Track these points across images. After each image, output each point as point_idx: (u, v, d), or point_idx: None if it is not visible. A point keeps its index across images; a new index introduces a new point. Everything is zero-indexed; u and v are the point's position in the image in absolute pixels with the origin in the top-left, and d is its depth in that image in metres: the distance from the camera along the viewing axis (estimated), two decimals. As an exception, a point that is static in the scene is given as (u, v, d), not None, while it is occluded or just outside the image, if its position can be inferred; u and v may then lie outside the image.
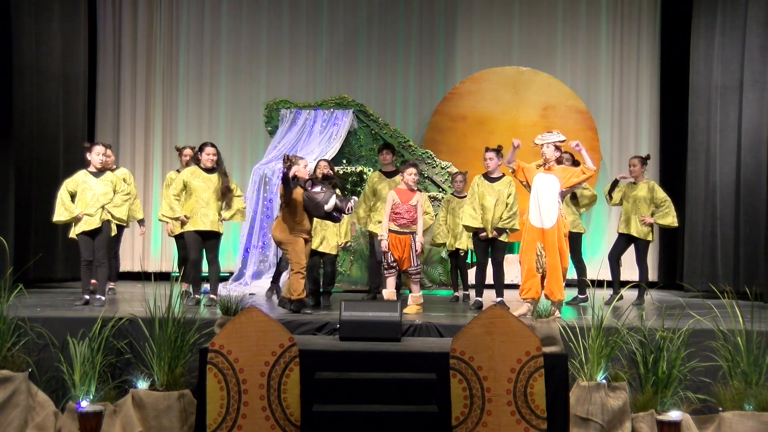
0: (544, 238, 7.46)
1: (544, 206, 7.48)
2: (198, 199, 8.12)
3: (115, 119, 12.07)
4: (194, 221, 8.11)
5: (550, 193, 7.50)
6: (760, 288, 8.94)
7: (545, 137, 7.66)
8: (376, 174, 9.20)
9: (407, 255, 7.83)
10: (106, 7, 12.05)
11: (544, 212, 7.47)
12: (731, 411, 6.26)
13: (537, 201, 7.52)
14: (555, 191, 7.51)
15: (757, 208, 9.73)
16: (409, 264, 7.85)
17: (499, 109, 11.81)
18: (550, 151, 7.58)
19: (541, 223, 7.47)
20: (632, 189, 9.04)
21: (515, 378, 5.93)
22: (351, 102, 10.83)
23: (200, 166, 8.24)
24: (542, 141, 7.62)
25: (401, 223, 7.85)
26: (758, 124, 9.80)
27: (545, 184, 7.53)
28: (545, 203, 7.48)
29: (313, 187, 7.58)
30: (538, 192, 7.52)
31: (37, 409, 6.53)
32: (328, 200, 7.48)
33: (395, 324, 6.65)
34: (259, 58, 12.21)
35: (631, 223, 8.95)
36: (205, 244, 8.19)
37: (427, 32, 12.26)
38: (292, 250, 7.60)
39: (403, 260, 7.84)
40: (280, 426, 5.88)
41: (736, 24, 10.22)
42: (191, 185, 8.14)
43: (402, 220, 7.86)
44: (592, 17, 12.23)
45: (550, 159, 7.59)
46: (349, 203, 7.58)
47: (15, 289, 6.80)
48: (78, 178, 8.07)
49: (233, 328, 6.01)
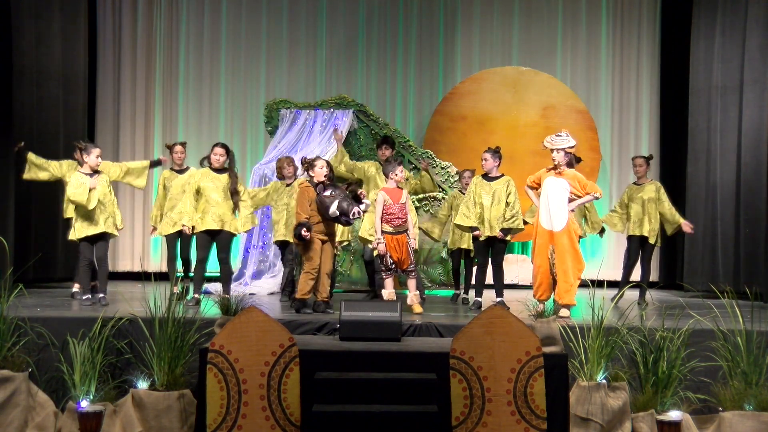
0: (554, 240, 7.47)
1: (554, 209, 7.49)
2: (208, 199, 8.13)
3: (115, 119, 12.07)
4: (204, 221, 8.13)
5: (560, 197, 7.50)
6: (760, 288, 8.94)
7: (555, 142, 7.58)
8: (374, 164, 9.18)
9: (405, 255, 7.80)
10: (106, 7, 12.05)
11: (554, 215, 7.48)
12: (731, 411, 6.26)
13: (547, 204, 7.52)
14: (565, 195, 7.51)
15: (758, 208, 9.73)
16: (408, 263, 7.84)
17: (499, 109, 11.81)
18: (560, 156, 7.53)
19: (551, 225, 7.49)
20: (638, 191, 8.93)
21: (515, 378, 5.93)
22: (351, 102, 10.82)
23: (210, 167, 8.26)
24: (552, 146, 7.56)
25: (396, 224, 7.77)
26: (758, 124, 9.80)
27: (555, 188, 7.53)
28: (555, 206, 7.49)
29: (325, 190, 7.54)
30: (548, 195, 7.53)
31: (37, 409, 6.53)
32: (331, 205, 7.47)
33: (395, 324, 6.65)
34: (259, 58, 12.21)
35: (644, 224, 8.80)
36: (217, 243, 8.20)
37: (427, 32, 12.26)
38: (304, 249, 7.59)
39: (402, 260, 7.81)
40: (280, 426, 5.88)
41: (736, 24, 10.22)
42: (201, 186, 8.16)
43: (397, 220, 7.77)
44: (592, 17, 12.23)
45: (561, 163, 7.56)
46: (355, 207, 7.48)
47: (15, 289, 6.80)
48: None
49: (233, 328, 6.01)
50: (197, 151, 11.95)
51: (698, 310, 7.15)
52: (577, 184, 7.56)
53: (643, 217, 8.84)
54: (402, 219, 7.79)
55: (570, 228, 7.48)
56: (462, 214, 8.21)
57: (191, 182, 8.28)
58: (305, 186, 7.67)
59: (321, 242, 7.58)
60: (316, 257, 7.53)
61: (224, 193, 8.13)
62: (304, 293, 7.53)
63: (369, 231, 8.52)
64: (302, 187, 7.69)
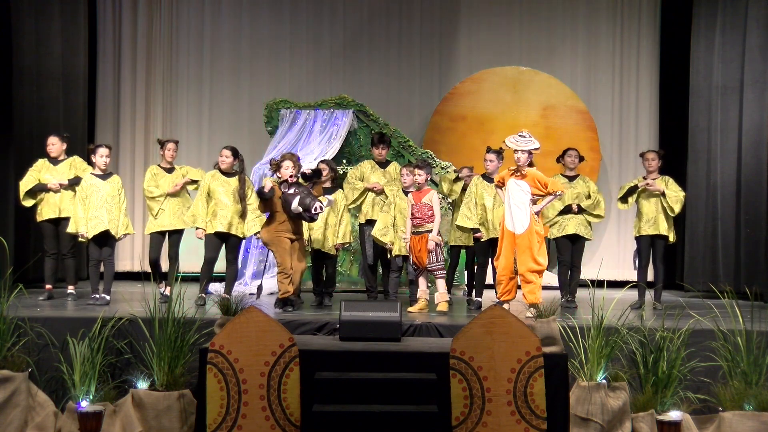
0: (515, 242, 7.42)
1: (515, 212, 7.42)
2: (218, 202, 8.25)
3: (115, 119, 12.05)
4: (213, 223, 8.24)
5: (521, 199, 7.43)
6: (760, 288, 8.93)
7: (519, 142, 7.47)
8: (368, 163, 9.19)
9: (423, 254, 7.86)
10: (106, 7, 12.04)
11: (515, 217, 7.42)
12: (731, 411, 6.26)
13: (509, 206, 7.46)
14: (525, 197, 7.44)
15: (758, 208, 9.73)
16: (427, 262, 7.86)
17: (499, 109, 11.81)
18: (524, 157, 7.44)
19: (513, 228, 7.44)
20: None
21: (515, 378, 5.93)
22: (351, 102, 10.82)
23: (219, 170, 8.39)
24: (517, 146, 7.45)
25: (415, 223, 7.90)
26: (758, 124, 9.80)
27: (516, 191, 7.45)
28: (516, 209, 7.42)
29: (289, 188, 7.71)
30: (510, 197, 7.46)
31: (37, 409, 6.53)
32: (293, 201, 7.60)
33: (395, 324, 6.66)
34: (260, 58, 12.20)
35: (659, 223, 8.61)
36: (226, 245, 8.33)
37: (427, 32, 12.25)
38: (275, 250, 7.81)
39: (421, 259, 7.88)
40: (280, 426, 5.88)
41: (736, 24, 10.21)
42: (211, 188, 8.29)
43: (415, 220, 7.90)
44: (592, 17, 12.21)
45: (524, 165, 7.47)
46: (317, 204, 7.62)
47: (15, 289, 6.80)
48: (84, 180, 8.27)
49: (233, 328, 6.01)
50: (197, 150, 11.99)
51: (698, 310, 7.14)
52: (538, 184, 7.47)
53: (657, 216, 8.64)
54: (421, 219, 7.86)
55: (532, 230, 7.39)
56: (463, 215, 8.21)
57: (202, 184, 8.38)
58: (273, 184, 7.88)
59: (290, 241, 7.78)
60: (287, 257, 7.74)
61: (233, 196, 8.23)
62: (284, 293, 7.72)
63: (381, 231, 8.53)
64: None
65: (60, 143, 8.81)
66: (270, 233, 7.82)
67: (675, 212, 8.68)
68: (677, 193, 8.66)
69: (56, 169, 8.72)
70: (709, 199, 10.45)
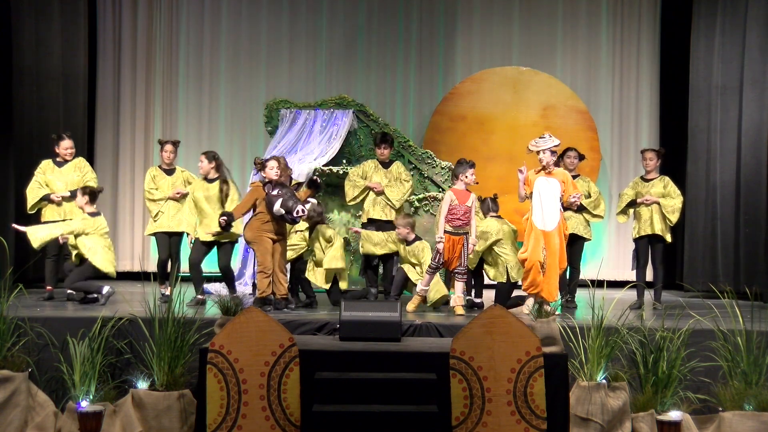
0: (546, 239, 7.59)
1: (547, 209, 7.63)
2: (200, 210, 8.34)
3: (115, 119, 12.04)
4: (200, 232, 8.33)
5: (552, 196, 7.66)
6: (760, 288, 8.94)
7: (539, 143, 7.77)
8: (372, 162, 9.22)
9: (457, 255, 7.84)
10: (106, 7, 12.03)
11: (546, 215, 7.61)
12: (731, 411, 6.27)
13: (540, 204, 7.65)
14: (556, 194, 7.68)
15: (758, 208, 9.74)
16: (458, 264, 7.86)
17: (499, 109, 11.80)
18: (547, 156, 7.72)
19: (544, 225, 7.61)
20: (646, 187, 8.75)
21: (515, 378, 5.93)
22: (351, 102, 10.82)
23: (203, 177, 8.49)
24: (537, 148, 7.75)
25: (456, 225, 7.84)
26: (758, 124, 9.80)
27: (547, 188, 7.69)
28: (548, 206, 7.63)
29: (273, 189, 7.73)
30: (541, 195, 7.67)
31: (37, 409, 6.54)
32: (276, 203, 7.61)
33: (395, 324, 6.66)
34: (259, 58, 12.19)
35: (655, 223, 8.60)
36: (218, 252, 8.38)
37: (427, 32, 12.24)
38: (257, 249, 7.83)
39: (451, 260, 7.87)
40: (280, 426, 5.88)
41: (736, 24, 10.22)
42: (194, 197, 8.37)
43: (458, 221, 7.84)
44: (592, 17, 12.20)
45: (550, 163, 7.73)
46: (299, 207, 7.62)
47: (15, 289, 6.81)
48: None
49: (233, 328, 6.02)
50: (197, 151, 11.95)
51: (698, 310, 7.15)
52: (569, 186, 7.78)
53: (653, 216, 8.64)
54: (463, 221, 7.85)
55: (561, 227, 7.67)
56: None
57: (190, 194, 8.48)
58: (256, 185, 7.89)
59: (272, 241, 7.79)
60: (268, 256, 7.75)
61: (215, 202, 8.25)
62: (261, 292, 7.76)
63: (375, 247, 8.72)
64: (253, 186, 7.95)
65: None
66: (253, 232, 7.83)
67: (672, 222, 8.72)
68: (674, 202, 8.66)
69: (61, 171, 8.73)
70: (709, 199, 10.45)
